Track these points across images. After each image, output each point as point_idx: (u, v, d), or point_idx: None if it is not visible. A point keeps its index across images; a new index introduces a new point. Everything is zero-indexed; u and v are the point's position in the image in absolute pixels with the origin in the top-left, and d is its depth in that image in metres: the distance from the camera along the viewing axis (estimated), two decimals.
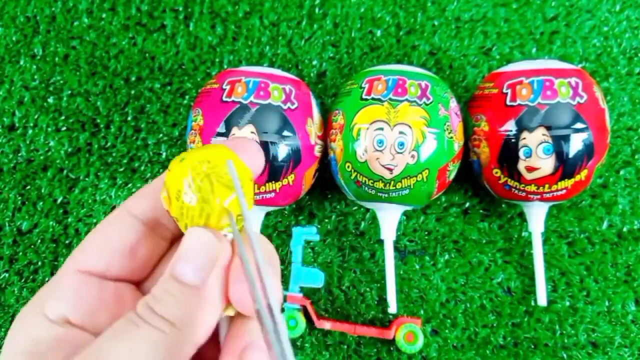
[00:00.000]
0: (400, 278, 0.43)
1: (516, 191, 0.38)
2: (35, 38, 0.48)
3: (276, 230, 0.44)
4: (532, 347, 0.42)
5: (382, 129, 0.36)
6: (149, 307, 0.17)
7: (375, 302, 0.43)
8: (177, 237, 0.22)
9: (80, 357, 0.16)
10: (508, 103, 0.37)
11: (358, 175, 0.38)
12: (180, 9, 0.48)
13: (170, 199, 0.19)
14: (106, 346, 0.16)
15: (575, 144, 0.36)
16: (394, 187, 0.37)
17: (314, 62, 0.47)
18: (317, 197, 0.45)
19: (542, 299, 0.40)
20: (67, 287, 0.19)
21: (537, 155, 0.36)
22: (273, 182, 0.37)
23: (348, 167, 0.38)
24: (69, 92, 0.47)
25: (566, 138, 0.36)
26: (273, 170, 0.37)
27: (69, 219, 0.45)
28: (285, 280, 0.41)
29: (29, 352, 0.17)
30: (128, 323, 0.17)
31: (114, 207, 0.45)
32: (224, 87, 0.38)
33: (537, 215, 0.40)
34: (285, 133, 0.37)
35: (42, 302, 0.19)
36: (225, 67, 0.47)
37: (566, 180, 0.37)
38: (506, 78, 0.38)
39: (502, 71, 0.39)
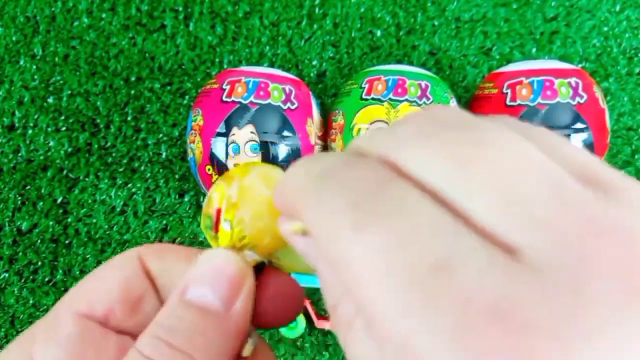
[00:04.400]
0: None
1: None
2: (35, 38, 0.48)
3: None
4: None
5: (382, 129, 0.36)
6: (162, 341, 0.14)
7: None
8: None
9: None
10: (508, 103, 0.37)
11: None
12: (180, 9, 0.48)
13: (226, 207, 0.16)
14: None
15: (576, 144, 0.36)
16: None
17: (314, 62, 0.47)
18: None
19: None
20: (62, 330, 0.16)
21: None
22: None
23: None
24: (69, 92, 0.47)
25: (566, 138, 0.36)
26: None
27: (69, 219, 0.45)
28: None
29: None
30: None
31: (113, 207, 0.45)
32: (224, 87, 0.38)
33: None
34: (285, 133, 0.37)
35: (31, 344, 0.15)
36: (225, 67, 0.47)
37: None
38: (506, 78, 0.38)
39: (502, 71, 0.39)
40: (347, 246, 0.10)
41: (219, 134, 0.37)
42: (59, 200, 0.45)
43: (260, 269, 0.17)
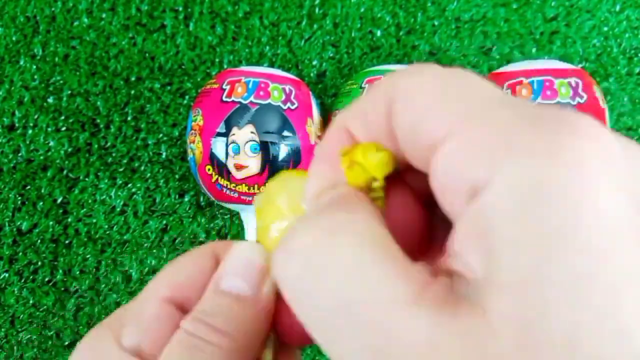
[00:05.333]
0: None
1: None
2: (35, 38, 0.48)
3: None
4: None
5: None
6: (202, 322, 0.16)
7: None
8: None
9: None
10: None
11: None
12: (180, 9, 0.48)
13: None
14: None
15: None
16: None
17: (314, 62, 0.47)
18: None
19: None
20: (147, 312, 0.18)
21: None
22: None
23: None
24: (69, 92, 0.47)
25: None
26: (273, 171, 0.37)
27: (69, 219, 0.45)
28: None
29: None
30: (181, 345, 0.16)
31: (113, 207, 0.45)
32: (224, 87, 0.38)
33: None
34: (285, 133, 0.37)
35: (119, 327, 0.18)
36: (225, 67, 0.47)
37: None
38: (506, 78, 0.38)
39: (502, 71, 0.39)
40: None
41: (219, 134, 0.37)
42: (59, 200, 0.45)
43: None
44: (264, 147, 0.36)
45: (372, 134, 0.15)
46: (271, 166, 0.37)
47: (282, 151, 0.37)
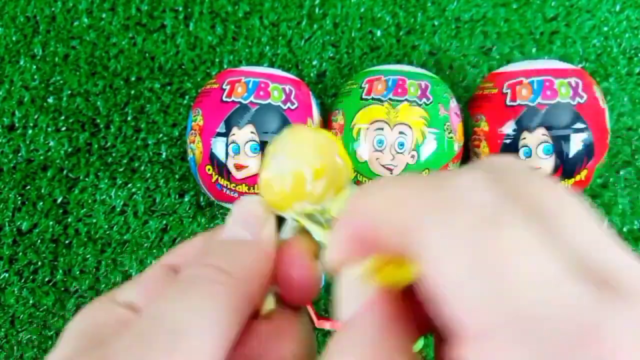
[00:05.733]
0: None
1: None
2: (35, 38, 0.48)
3: None
4: None
5: (382, 129, 0.36)
6: (203, 263, 0.16)
7: None
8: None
9: (134, 325, 0.15)
10: (508, 103, 0.37)
11: (358, 175, 0.38)
12: (180, 9, 0.48)
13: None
14: (162, 310, 0.15)
15: (575, 144, 0.36)
16: None
17: (314, 62, 0.47)
18: None
19: None
20: (146, 274, 0.18)
21: (537, 156, 0.36)
22: None
23: None
24: (69, 92, 0.47)
25: (566, 138, 0.36)
26: None
27: (69, 219, 0.45)
28: None
29: (86, 333, 0.16)
30: (181, 282, 0.16)
31: (113, 207, 0.45)
32: (224, 87, 0.38)
33: None
34: None
35: (117, 290, 0.18)
36: (225, 67, 0.47)
37: (566, 180, 0.37)
38: (506, 78, 0.38)
39: (502, 71, 0.39)
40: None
41: (219, 134, 0.37)
42: (59, 200, 0.45)
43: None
44: (264, 147, 0.36)
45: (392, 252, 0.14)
46: None
47: None
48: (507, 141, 0.37)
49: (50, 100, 0.47)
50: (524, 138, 0.36)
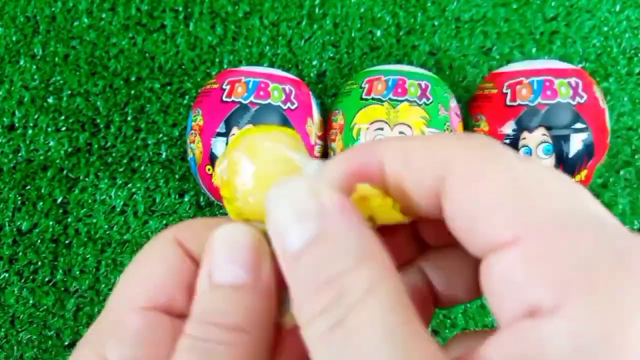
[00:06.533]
0: None
1: None
2: (35, 38, 0.48)
3: None
4: None
5: (382, 129, 0.36)
6: (207, 322, 0.15)
7: None
8: None
9: None
10: (508, 103, 0.37)
11: None
12: (180, 9, 0.48)
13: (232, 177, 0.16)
14: None
15: (575, 144, 0.36)
16: None
17: (314, 62, 0.47)
18: None
19: None
20: (130, 327, 0.16)
21: (537, 155, 0.36)
22: None
23: None
24: (69, 92, 0.47)
25: (566, 138, 0.36)
26: None
27: (69, 219, 0.45)
28: None
29: None
30: (193, 352, 0.14)
31: (113, 207, 0.45)
32: (224, 87, 0.38)
33: None
34: None
35: (100, 346, 0.15)
36: (225, 67, 0.47)
37: None
38: (506, 78, 0.38)
39: (502, 71, 0.39)
40: None
41: (219, 134, 0.37)
42: (59, 200, 0.45)
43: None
44: None
45: (407, 181, 0.14)
46: None
47: None
48: (507, 141, 0.37)
49: (50, 100, 0.47)
50: (524, 138, 0.37)
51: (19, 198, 0.45)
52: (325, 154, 0.40)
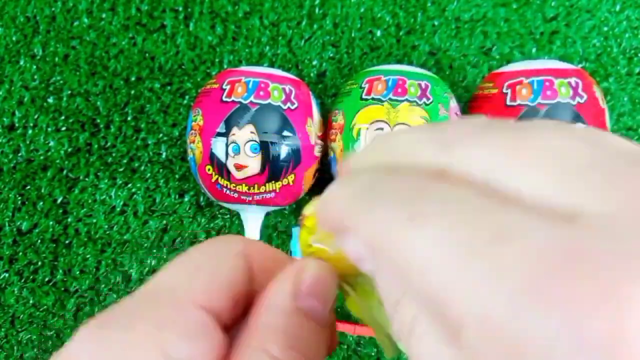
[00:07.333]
0: None
1: None
2: (35, 38, 0.48)
3: (276, 230, 0.44)
4: None
5: (382, 129, 0.36)
6: (287, 345, 0.16)
7: None
8: None
9: None
10: (508, 103, 0.37)
11: None
12: (180, 9, 0.48)
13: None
14: None
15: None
16: None
17: (314, 62, 0.47)
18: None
19: None
20: (191, 321, 0.16)
21: None
22: (273, 182, 0.37)
23: None
24: (69, 92, 0.47)
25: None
26: (273, 170, 0.37)
27: (69, 219, 0.45)
28: None
29: None
30: None
31: (113, 207, 0.45)
32: (224, 87, 0.38)
33: None
34: (285, 133, 0.37)
35: (161, 336, 0.15)
36: (225, 67, 0.47)
37: None
38: (506, 78, 0.38)
39: (502, 71, 0.39)
40: (406, 240, 0.11)
41: (219, 134, 0.37)
42: (59, 200, 0.45)
43: None
44: (264, 147, 0.36)
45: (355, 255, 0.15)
46: (271, 166, 0.37)
47: (282, 151, 0.37)
48: None
49: (50, 100, 0.47)
50: None
51: (19, 198, 0.45)
52: (325, 154, 0.40)
